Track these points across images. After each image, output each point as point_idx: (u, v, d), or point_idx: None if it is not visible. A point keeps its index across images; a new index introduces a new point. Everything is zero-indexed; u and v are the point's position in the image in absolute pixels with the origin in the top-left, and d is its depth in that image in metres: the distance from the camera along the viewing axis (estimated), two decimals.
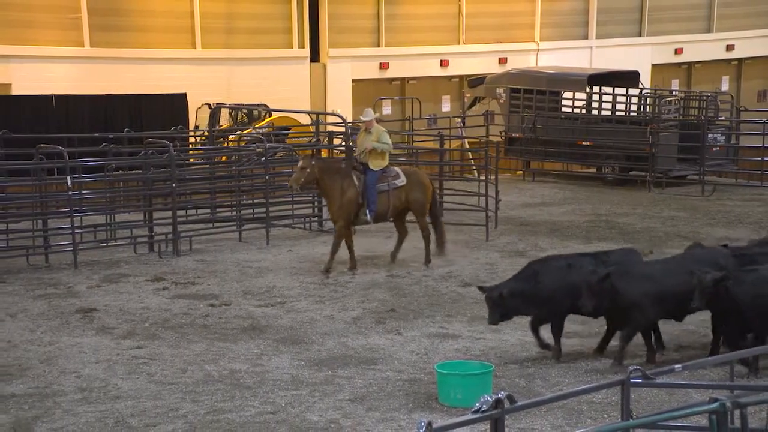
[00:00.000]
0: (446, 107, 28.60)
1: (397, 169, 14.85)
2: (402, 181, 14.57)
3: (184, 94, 23.48)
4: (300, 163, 14.46)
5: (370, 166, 14.44)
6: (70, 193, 15.89)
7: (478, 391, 8.44)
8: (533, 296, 10.61)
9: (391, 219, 14.91)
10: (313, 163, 14.49)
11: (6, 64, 22.36)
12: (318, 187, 14.96)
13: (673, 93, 27.35)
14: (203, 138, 22.87)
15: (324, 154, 20.37)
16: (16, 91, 22.32)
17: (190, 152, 21.32)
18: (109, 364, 10.59)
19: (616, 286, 10.07)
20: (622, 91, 24.19)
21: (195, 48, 25.09)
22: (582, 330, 11.24)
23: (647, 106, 24.61)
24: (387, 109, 27.04)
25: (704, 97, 25.09)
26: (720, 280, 9.84)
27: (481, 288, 10.90)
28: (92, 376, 10.21)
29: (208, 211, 17.91)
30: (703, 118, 23.87)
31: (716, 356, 9.41)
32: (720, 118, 24.22)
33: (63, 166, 16.13)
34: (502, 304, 10.57)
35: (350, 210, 14.35)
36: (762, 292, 9.81)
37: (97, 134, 19.50)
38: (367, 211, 14.37)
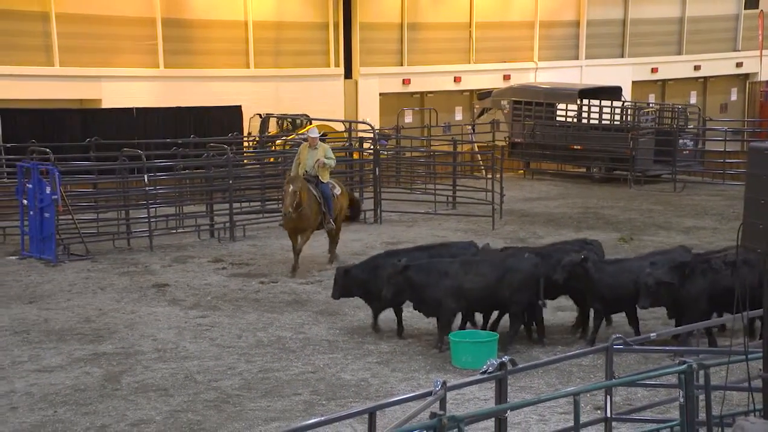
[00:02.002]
0: (459, 116, 28.52)
1: (332, 180, 14.11)
2: (338, 191, 14.00)
3: (239, 106, 23.53)
4: (291, 188, 12.99)
5: (322, 179, 13.61)
6: (147, 188, 16.05)
7: (485, 356, 8.45)
8: (369, 285, 10.21)
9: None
10: (300, 185, 13.19)
11: (98, 83, 22.54)
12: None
13: (650, 105, 27.23)
14: (255, 143, 22.92)
15: (356, 156, 20.40)
16: (105, 104, 22.48)
17: (244, 154, 21.37)
18: (178, 330, 10.69)
19: (412, 278, 9.62)
20: (607, 103, 24.06)
21: (249, 68, 25.13)
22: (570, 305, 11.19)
23: (628, 116, 24.48)
24: (408, 118, 27.00)
25: (676, 109, 25.05)
26: (580, 262, 9.88)
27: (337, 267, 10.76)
28: (165, 339, 10.32)
29: (259, 203, 17.97)
30: (675, 126, 23.83)
31: (686, 326, 9.39)
32: (689, 127, 24.13)
33: (141, 166, 16.25)
34: (344, 283, 10.24)
35: (317, 218, 13.53)
36: (617, 280, 9.86)
37: (168, 140, 19.59)
38: (330, 218, 13.62)
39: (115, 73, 22.77)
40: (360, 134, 21.52)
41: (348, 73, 26.82)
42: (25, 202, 14.46)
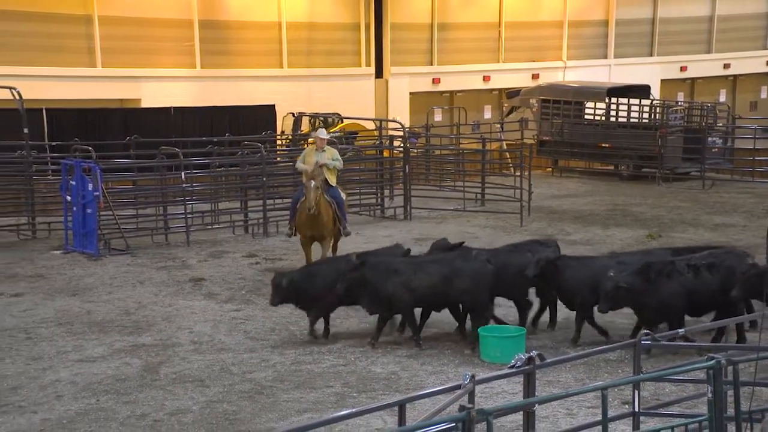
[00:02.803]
0: (488, 115, 28.44)
1: (338, 187, 13.42)
2: (344, 196, 13.39)
3: (273, 105, 23.64)
4: (313, 183, 12.37)
5: (330, 183, 12.84)
6: (184, 185, 16.21)
7: (514, 351, 8.44)
8: (308, 292, 9.96)
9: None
10: (320, 184, 12.55)
11: (138, 83, 22.79)
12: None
13: (679, 103, 26.94)
14: (287, 141, 23.02)
15: (386, 153, 20.40)
16: (144, 104, 22.72)
17: (277, 152, 21.46)
18: (214, 323, 10.77)
19: (366, 276, 9.51)
20: (636, 101, 23.86)
21: (282, 68, 25.26)
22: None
23: (657, 114, 24.25)
24: (438, 117, 26.96)
25: (705, 107, 24.72)
26: (552, 260, 9.89)
27: (275, 273, 10.29)
28: (201, 332, 10.40)
29: (292, 200, 18.02)
30: (704, 124, 23.52)
31: (715, 322, 9.28)
32: (718, 125, 23.85)
33: (178, 164, 16.40)
34: (282, 291, 9.92)
35: (335, 224, 12.74)
36: (579, 274, 9.77)
37: (204, 138, 19.74)
38: (345, 224, 12.94)
39: (154, 73, 23.01)
40: (390, 132, 21.51)
41: (379, 73, 26.86)
42: (68, 198, 14.65)
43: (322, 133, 13.39)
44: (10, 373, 9.13)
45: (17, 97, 16.72)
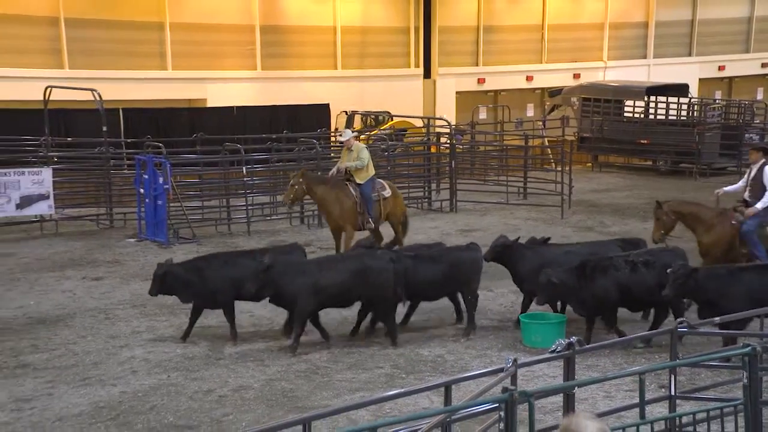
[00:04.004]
0: (530, 113, 28.20)
1: (382, 181, 13.21)
2: (388, 192, 12.98)
3: (328, 104, 23.74)
4: (291, 181, 12.57)
5: (357, 180, 12.63)
6: (245, 179, 16.39)
7: (554, 336, 8.38)
8: (194, 285, 9.52)
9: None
10: (301, 180, 12.47)
11: (204, 84, 23.12)
12: (313, 200, 13.20)
13: (716, 101, 26.37)
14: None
15: (433, 149, 20.36)
16: (210, 104, 23.03)
17: (331, 148, 21.56)
18: (273, 307, 10.78)
19: (275, 277, 9.07)
20: (675, 99, 23.44)
21: (336, 69, 25.37)
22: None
23: (695, 112, 23.79)
24: (483, 115, 26.80)
25: (742, 105, 24.18)
26: (506, 245, 9.79)
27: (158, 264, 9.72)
28: (261, 315, 10.50)
29: None
30: (741, 121, 23.04)
31: (753, 310, 9.08)
32: (755, 122, 23.32)
33: (240, 159, 16.59)
34: (163, 281, 9.49)
35: (354, 216, 12.57)
36: (533, 264, 9.66)
37: (264, 135, 19.95)
38: (369, 218, 12.64)
39: (219, 75, 23.31)
40: (437, 130, 21.48)
41: (427, 73, 26.82)
42: (141, 190, 14.91)
43: (346, 134, 13.30)
44: (92, 349, 9.38)
45: (97, 99, 17.07)
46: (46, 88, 18.09)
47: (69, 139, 18.53)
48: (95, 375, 8.65)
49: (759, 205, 10.44)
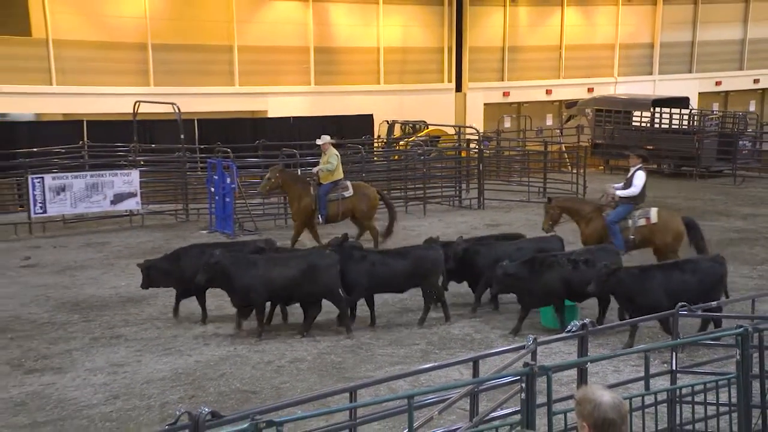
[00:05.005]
0: (549, 122, 27.90)
1: (347, 182, 12.94)
2: (350, 192, 12.77)
3: (371, 115, 23.78)
4: (267, 175, 12.67)
5: (320, 181, 12.72)
6: None
7: (569, 318, 8.32)
8: (172, 273, 9.32)
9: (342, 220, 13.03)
10: (278, 174, 12.55)
11: (265, 98, 23.32)
12: (284, 192, 13.19)
13: (714, 112, 25.86)
14: (383, 143, 23.15)
15: (463, 154, 20.25)
16: (270, 114, 23.20)
17: (374, 153, 21.61)
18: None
19: (227, 269, 8.65)
20: (677, 111, 23.01)
21: (379, 84, 25.38)
22: None
23: (695, 122, 23.32)
24: (507, 124, 26.62)
25: (737, 116, 23.68)
26: (467, 249, 9.65)
27: (138, 264, 9.55)
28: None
29: (385, 192, 18.03)
30: (735, 130, 22.56)
31: (745, 295, 8.88)
32: (748, 131, 22.80)
33: (296, 162, 16.67)
34: (148, 274, 9.33)
35: (306, 213, 12.57)
36: (484, 258, 9.56)
37: (315, 141, 19.99)
38: (319, 216, 12.62)
39: (278, 90, 23.47)
40: (467, 136, 21.37)
41: (458, 88, 26.71)
42: (212, 189, 15.09)
43: (322, 139, 12.96)
44: (172, 324, 9.50)
45: (176, 111, 17.33)
46: (135, 103, 18.45)
47: (153, 145, 18.83)
48: (175, 346, 8.79)
49: (620, 192, 10.65)
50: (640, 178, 10.64)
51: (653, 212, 10.59)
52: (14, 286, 11.28)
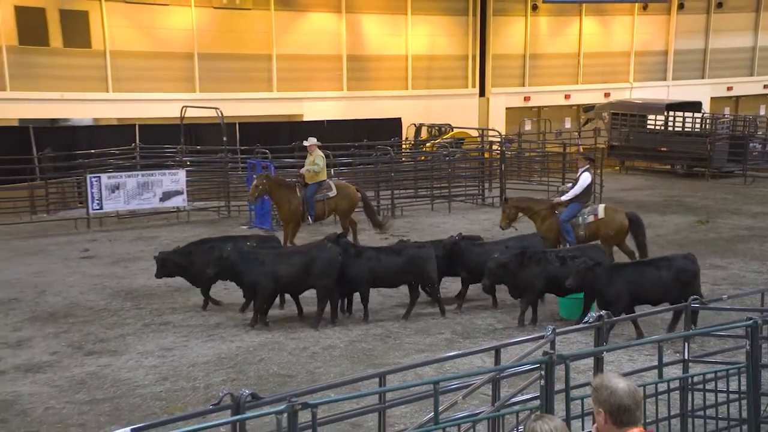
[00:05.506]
0: (568, 125, 27.58)
1: (330, 182, 12.78)
2: (333, 192, 12.61)
3: (400, 118, 23.72)
4: (255, 182, 12.47)
5: (306, 181, 12.56)
6: (333, 178, 16.40)
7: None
8: (187, 266, 9.32)
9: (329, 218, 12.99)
10: (265, 181, 12.39)
11: (301, 102, 23.39)
12: (271, 198, 12.86)
13: (725, 116, 25.37)
14: (410, 145, 23.10)
15: (486, 155, 20.11)
16: (305, 118, 23.21)
17: (402, 154, 21.57)
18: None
19: (235, 264, 8.65)
20: (690, 114, 22.60)
21: (407, 89, 25.31)
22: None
23: (707, 125, 22.89)
24: (528, 127, 26.38)
25: (747, 119, 23.21)
26: (454, 243, 9.47)
27: (155, 256, 9.61)
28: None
29: (413, 190, 18.03)
30: (746, 132, 22.10)
31: (755, 289, 8.70)
32: (758, 133, 22.36)
33: (329, 163, 16.62)
34: (164, 264, 9.38)
35: (297, 214, 12.42)
36: (481, 258, 9.28)
37: (348, 143, 20.08)
38: (308, 216, 12.50)
39: (313, 95, 23.53)
40: (490, 139, 21.23)
41: (482, 93, 26.54)
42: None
43: (309, 141, 12.76)
44: (215, 312, 9.58)
45: (220, 115, 17.49)
46: (182, 108, 18.66)
47: (198, 147, 19.02)
48: (217, 333, 8.89)
49: (563, 197, 10.83)
50: (585, 179, 10.86)
51: (600, 208, 10.86)
52: (75, 275, 11.51)
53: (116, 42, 20.80)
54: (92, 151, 17.21)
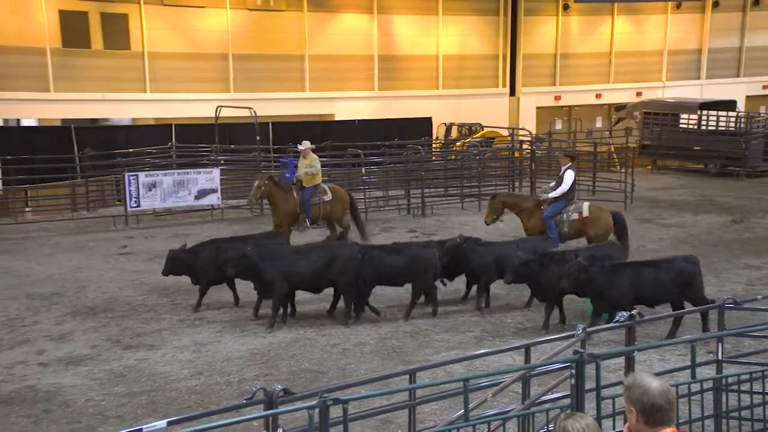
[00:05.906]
0: (599, 124, 27.21)
1: (325, 186, 12.56)
2: (329, 197, 12.42)
3: (430, 118, 23.67)
4: (256, 183, 12.21)
5: (304, 185, 12.30)
6: (364, 177, 16.54)
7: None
8: (193, 265, 9.33)
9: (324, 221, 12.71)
10: (267, 182, 12.15)
11: (333, 102, 23.49)
12: (269, 199, 12.42)
13: (761, 115, 24.75)
14: (440, 144, 23.02)
15: (516, 154, 19.94)
16: (337, 117, 23.35)
17: (432, 153, 21.50)
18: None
19: (256, 262, 8.64)
20: (724, 113, 22.10)
21: (438, 89, 25.23)
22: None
23: (741, 124, 22.35)
24: (558, 126, 26.07)
25: None
26: (459, 245, 9.34)
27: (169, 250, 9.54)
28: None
29: (443, 189, 17.97)
30: None
31: None
32: None
33: (360, 161, 16.75)
34: (173, 262, 9.34)
35: (293, 217, 12.22)
36: (486, 258, 9.26)
37: (379, 143, 20.09)
38: (306, 219, 12.29)
39: (344, 95, 23.60)
40: (520, 138, 21.04)
41: (512, 92, 26.32)
42: None
43: (304, 144, 12.53)
44: (248, 308, 9.60)
45: (253, 115, 17.63)
46: (217, 108, 18.88)
47: (232, 146, 19.24)
48: (251, 328, 8.97)
49: (551, 194, 10.89)
50: (569, 177, 10.90)
51: (585, 207, 10.92)
52: (113, 271, 11.73)
53: (154, 44, 21.15)
54: (130, 150, 17.53)
